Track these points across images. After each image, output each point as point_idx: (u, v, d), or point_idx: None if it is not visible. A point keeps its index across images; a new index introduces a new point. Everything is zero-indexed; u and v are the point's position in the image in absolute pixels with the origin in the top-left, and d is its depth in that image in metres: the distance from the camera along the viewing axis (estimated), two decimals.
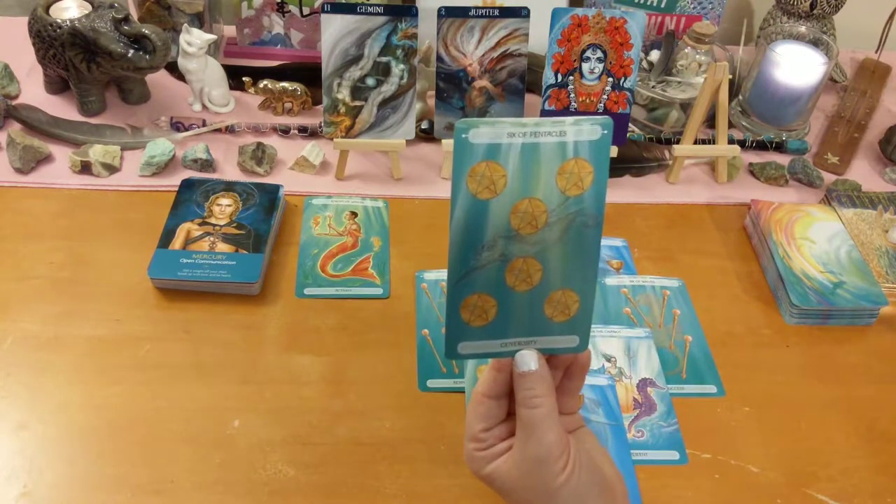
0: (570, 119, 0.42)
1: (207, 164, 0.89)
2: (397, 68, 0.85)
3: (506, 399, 0.48)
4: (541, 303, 0.46)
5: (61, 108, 0.96)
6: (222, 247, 0.77)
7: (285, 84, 0.97)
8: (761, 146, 0.99)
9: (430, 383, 0.70)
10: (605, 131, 0.42)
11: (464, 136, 0.41)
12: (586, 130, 0.42)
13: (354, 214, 0.86)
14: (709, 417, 0.70)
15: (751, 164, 0.97)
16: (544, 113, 0.88)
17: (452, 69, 0.88)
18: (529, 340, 0.47)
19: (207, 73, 0.95)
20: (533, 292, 0.45)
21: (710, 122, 0.95)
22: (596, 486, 0.46)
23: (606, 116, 0.42)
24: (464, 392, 0.70)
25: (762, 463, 0.66)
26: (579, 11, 0.83)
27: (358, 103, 0.86)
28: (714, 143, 0.93)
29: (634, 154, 0.95)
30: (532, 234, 0.44)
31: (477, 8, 0.85)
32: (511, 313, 0.46)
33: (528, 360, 0.46)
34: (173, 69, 1.00)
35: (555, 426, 0.45)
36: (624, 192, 0.93)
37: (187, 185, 0.84)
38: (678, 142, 0.93)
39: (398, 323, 0.75)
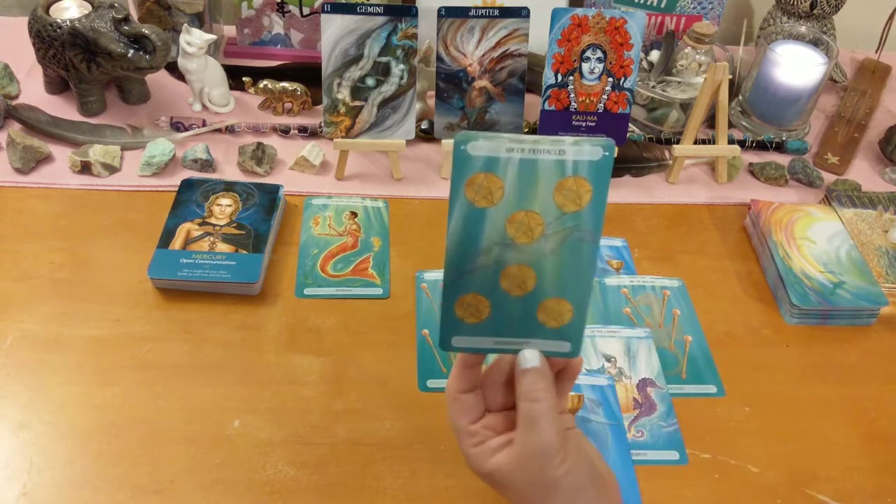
0: (570, 139, 0.43)
1: (207, 164, 0.89)
2: (397, 68, 0.85)
3: (479, 391, 0.50)
4: (534, 308, 0.47)
5: (61, 108, 0.96)
6: (222, 247, 0.77)
7: (285, 84, 0.97)
8: (761, 146, 0.99)
9: (430, 383, 0.70)
10: (607, 153, 0.43)
11: (463, 147, 0.43)
12: (587, 150, 0.43)
13: (354, 214, 0.86)
14: (709, 417, 0.70)
15: (751, 164, 0.97)
16: (544, 113, 0.88)
17: (452, 69, 0.88)
18: (522, 341, 0.48)
19: (207, 73, 0.95)
20: (526, 298, 0.47)
21: (710, 122, 0.95)
22: (592, 479, 0.48)
23: (609, 139, 0.43)
24: None
25: (762, 463, 0.66)
26: (579, 11, 0.83)
27: (358, 103, 0.86)
28: (714, 143, 0.93)
29: (634, 154, 0.95)
30: (527, 243, 0.45)
31: (477, 8, 0.85)
32: (504, 315, 0.47)
33: (531, 357, 0.48)
34: (173, 69, 1.00)
35: (555, 420, 0.47)
36: (624, 192, 0.93)
37: (187, 185, 0.84)
38: (678, 142, 0.93)
39: (398, 323, 0.75)
